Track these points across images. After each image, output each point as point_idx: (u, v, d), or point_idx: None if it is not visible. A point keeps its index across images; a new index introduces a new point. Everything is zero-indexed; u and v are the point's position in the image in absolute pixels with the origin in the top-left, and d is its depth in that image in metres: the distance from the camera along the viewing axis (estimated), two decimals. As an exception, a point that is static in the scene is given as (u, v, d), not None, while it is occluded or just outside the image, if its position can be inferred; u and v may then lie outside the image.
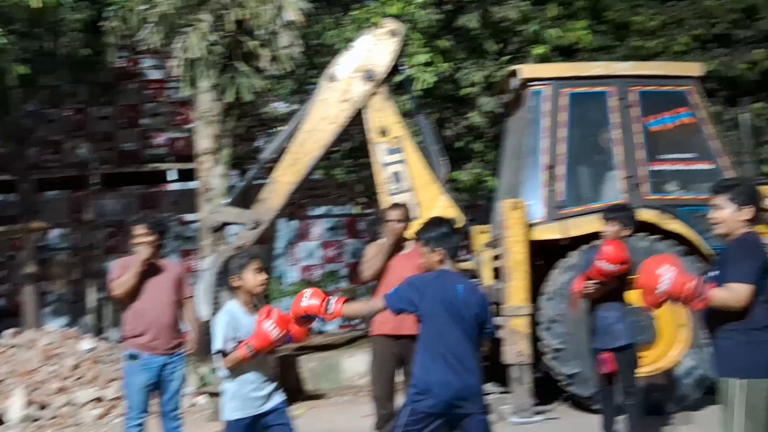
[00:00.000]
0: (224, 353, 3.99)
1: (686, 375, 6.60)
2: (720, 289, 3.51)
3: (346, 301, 3.79)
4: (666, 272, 3.50)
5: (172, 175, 13.23)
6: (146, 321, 5.13)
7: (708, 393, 6.45)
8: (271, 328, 3.86)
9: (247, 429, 4.08)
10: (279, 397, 4.17)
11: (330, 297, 3.75)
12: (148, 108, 13.85)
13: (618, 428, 5.32)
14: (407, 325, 5.54)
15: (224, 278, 7.54)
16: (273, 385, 4.15)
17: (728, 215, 3.69)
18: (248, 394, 4.07)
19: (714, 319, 3.63)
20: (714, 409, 3.80)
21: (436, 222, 3.91)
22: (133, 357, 5.13)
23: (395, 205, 5.84)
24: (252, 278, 4.07)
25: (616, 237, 5.26)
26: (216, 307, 7.40)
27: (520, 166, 7.50)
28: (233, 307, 4.11)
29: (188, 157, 12.51)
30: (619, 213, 5.34)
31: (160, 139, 13.80)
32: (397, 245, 5.74)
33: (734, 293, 3.50)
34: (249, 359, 3.93)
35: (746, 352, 3.56)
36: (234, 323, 4.01)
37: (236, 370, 4.03)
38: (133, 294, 5.14)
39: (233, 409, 4.08)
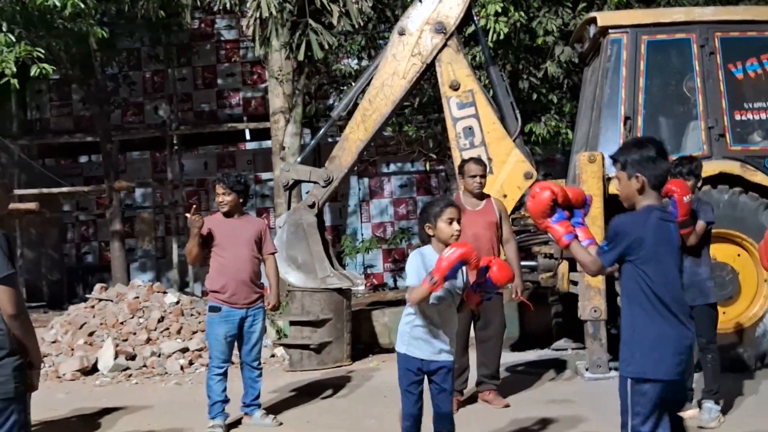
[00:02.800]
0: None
1: (769, 332, 6.38)
2: None
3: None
4: None
5: (247, 134, 13.50)
6: (227, 276, 5.33)
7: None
8: (453, 256, 3.60)
9: (413, 369, 3.91)
10: (447, 357, 3.92)
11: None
12: (224, 68, 14.11)
13: (693, 386, 5.21)
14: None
15: (298, 235, 7.71)
16: (446, 342, 3.90)
17: None
18: (418, 335, 3.89)
19: None
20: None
21: (638, 143, 3.32)
22: (214, 309, 5.34)
23: (474, 160, 5.80)
24: (445, 228, 3.83)
25: (690, 191, 5.09)
26: (289, 262, 7.59)
27: (597, 117, 7.29)
28: (427, 250, 3.90)
29: (263, 116, 12.75)
30: (684, 167, 5.14)
31: (236, 99, 14.06)
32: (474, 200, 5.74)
33: None
34: (432, 290, 3.66)
35: None
36: (426, 264, 3.79)
37: (420, 311, 3.84)
38: (208, 253, 5.35)
39: (402, 344, 3.96)
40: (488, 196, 5.93)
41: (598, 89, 7.33)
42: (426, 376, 3.94)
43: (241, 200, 5.47)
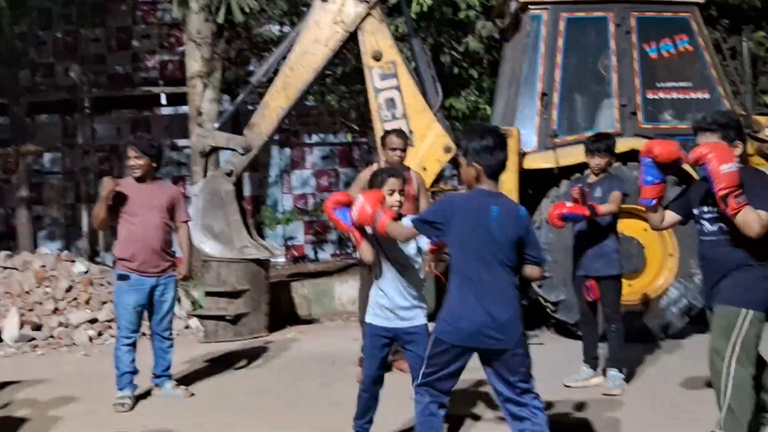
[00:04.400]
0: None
1: (672, 304, 6.67)
2: (751, 210, 3.44)
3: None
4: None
5: (163, 99, 13.04)
6: (136, 243, 5.15)
7: (693, 322, 6.57)
8: (362, 201, 3.62)
9: (380, 339, 3.91)
10: (419, 320, 3.89)
11: (379, 212, 3.53)
12: (139, 30, 13.56)
13: (599, 354, 5.40)
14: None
15: (214, 203, 7.54)
16: (411, 304, 3.88)
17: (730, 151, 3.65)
18: (379, 302, 3.90)
19: (735, 252, 3.61)
20: (699, 337, 3.83)
21: (481, 131, 3.37)
22: (123, 278, 5.16)
23: (396, 132, 5.76)
24: (387, 199, 3.78)
25: (603, 167, 5.25)
26: (205, 231, 7.42)
27: (515, 93, 7.39)
28: None
29: (180, 80, 12.35)
30: (601, 143, 5.28)
31: (152, 62, 13.56)
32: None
33: (762, 220, 3.47)
34: (359, 236, 3.76)
35: (760, 287, 3.61)
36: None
37: (377, 277, 3.90)
38: (116, 219, 5.16)
39: (368, 313, 3.97)
40: (408, 168, 5.91)
41: (517, 65, 7.43)
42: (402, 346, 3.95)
43: (154, 165, 5.28)
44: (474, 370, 3.47)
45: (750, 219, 3.45)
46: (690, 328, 6.64)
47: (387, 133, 5.83)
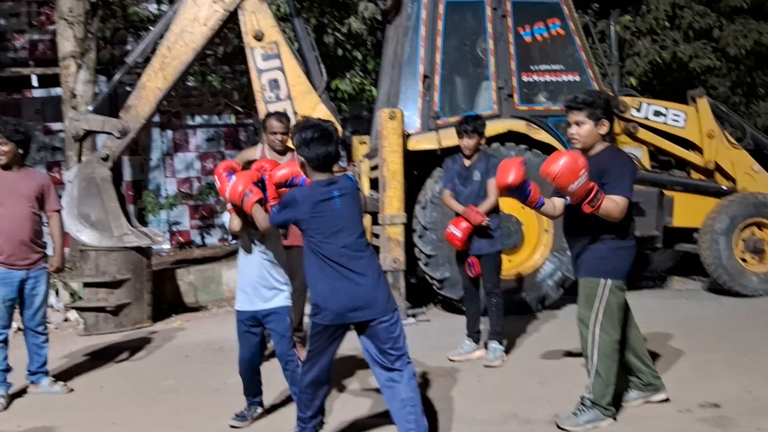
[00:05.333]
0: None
1: (548, 277, 7.00)
2: (609, 200, 3.68)
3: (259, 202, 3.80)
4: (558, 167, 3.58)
5: (34, 80, 12.27)
6: (3, 235, 4.87)
7: (567, 293, 6.93)
8: (234, 179, 3.86)
9: (241, 320, 4.10)
10: (280, 301, 4.07)
11: (248, 191, 3.79)
12: (6, 8, 12.68)
13: (481, 328, 5.61)
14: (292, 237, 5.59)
15: (90, 190, 7.22)
16: (272, 285, 4.05)
17: (587, 131, 3.87)
18: (242, 287, 4.08)
19: (591, 226, 3.83)
20: (573, 307, 4.07)
21: (303, 126, 3.59)
22: (-12, 271, 4.87)
23: (276, 116, 5.69)
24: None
25: (474, 148, 5.42)
26: (81, 220, 7.11)
27: (398, 75, 7.48)
28: None
29: (51, 61, 11.67)
30: (468, 125, 5.44)
31: (20, 41, 12.73)
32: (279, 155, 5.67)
33: (619, 206, 3.72)
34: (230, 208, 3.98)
35: (616, 257, 3.86)
36: None
37: (241, 262, 4.08)
38: None
39: (237, 300, 4.13)
40: (292, 150, 5.85)
41: (399, 47, 7.52)
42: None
43: (20, 151, 4.99)
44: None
45: (609, 209, 3.71)
46: (565, 299, 7.00)
47: (268, 116, 5.77)
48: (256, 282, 4.03)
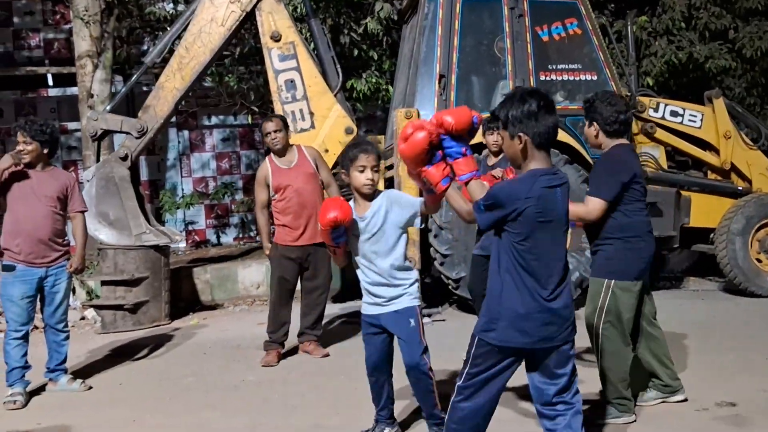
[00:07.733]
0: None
1: (566, 277, 6.96)
2: (574, 204, 3.49)
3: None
4: None
5: (49, 79, 12.37)
6: (21, 233, 4.91)
7: (585, 294, 6.90)
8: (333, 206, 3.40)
9: (366, 321, 3.67)
10: (406, 302, 3.60)
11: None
12: (21, 6, 12.80)
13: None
14: (308, 235, 5.60)
15: (109, 189, 7.27)
16: (395, 285, 3.59)
17: (587, 133, 4.01)
18: (364, 287, 3.66)
19: (601, 226, 3.86)
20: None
21: (520, 96, 2.78)
22: (8, 268, 4.92)
23: (269, 117, 5.73)
24: (356, 176, 3.55)
25: (499, 144, 5.40)
26: (99, 219, 7.16)
27: (414, 74, 7.48)
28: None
29: (67, 60, 11.78)
30: (497, 122, 5.43)
31: (35, 40, 12.84)
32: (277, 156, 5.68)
33: (586, 206, 3.75)
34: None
35: (623, 258, 3.86)
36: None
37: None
38: (3, 204, 4.90)
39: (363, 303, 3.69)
40: (296, 146, 5.83)
41: (416, 47, 7.52)
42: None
43: (45, 151, 5.02)
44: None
45: (581, 214, 3.78)
46: (583, 299, 6.95)
47: (261, 120, 5.80)
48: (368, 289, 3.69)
